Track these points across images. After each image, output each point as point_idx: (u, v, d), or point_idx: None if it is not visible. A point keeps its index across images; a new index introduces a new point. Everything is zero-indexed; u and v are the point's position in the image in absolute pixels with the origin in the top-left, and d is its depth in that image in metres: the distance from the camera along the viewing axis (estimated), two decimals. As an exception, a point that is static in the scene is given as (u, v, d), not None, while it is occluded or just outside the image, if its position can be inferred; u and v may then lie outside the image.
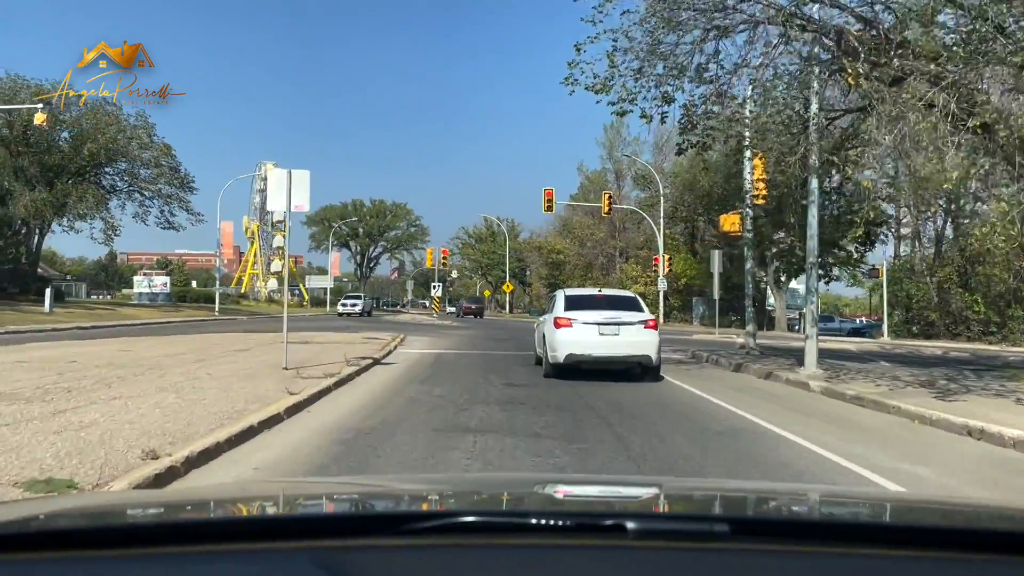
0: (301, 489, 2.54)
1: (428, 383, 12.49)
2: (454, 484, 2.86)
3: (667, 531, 1.31)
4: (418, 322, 45.97)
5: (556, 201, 46.69)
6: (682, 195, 48.76)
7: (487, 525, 1.32)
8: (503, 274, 77.80)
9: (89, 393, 9.07)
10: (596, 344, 13.08)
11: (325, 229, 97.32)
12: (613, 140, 62.38)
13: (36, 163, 46.42)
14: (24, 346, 17.13)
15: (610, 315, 13.30)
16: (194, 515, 1.64)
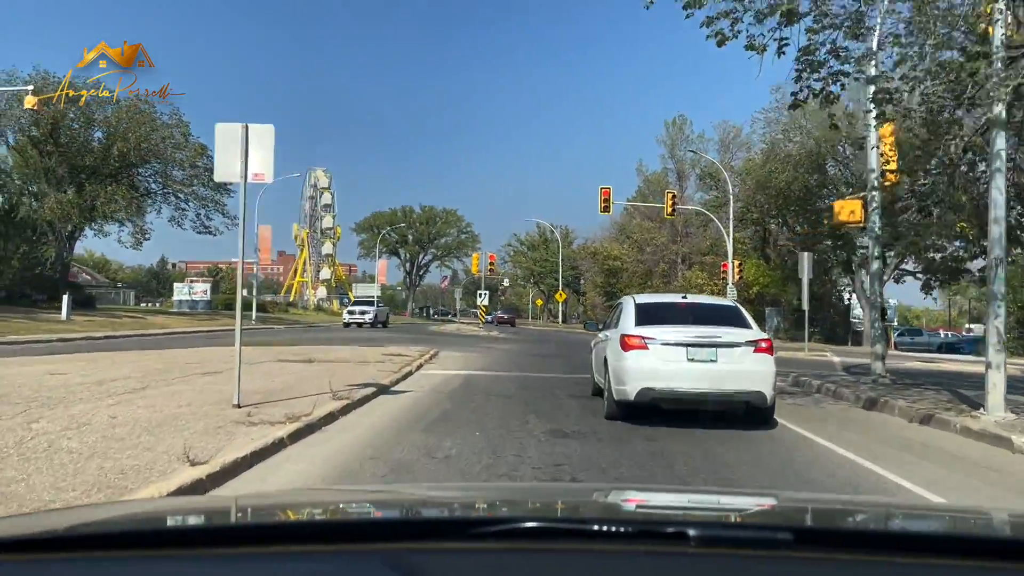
0: (364, 495, 2.76)
1: (438, 430, 8.59)
2: (513, 492, 3.11)
3: (730, 538, 1.29)
4: (460, 332, 42.21)
5: (613, 202, 42.38)
6: (754, 195, 44.03)
7: (550, 530, 1.33)
8: (556, 282, 73.71)
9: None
10: (683, 374, 9.15)
11: (374, 236, 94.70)
12: (675, 138, 57.92)
13: (65, 163, 44.17)
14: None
15: (703, 332, 9.37)
16: (269, 518, 1.72)
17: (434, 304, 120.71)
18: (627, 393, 9.24)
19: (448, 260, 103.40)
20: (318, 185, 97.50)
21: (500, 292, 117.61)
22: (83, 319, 36.52)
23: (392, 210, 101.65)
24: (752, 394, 9.12)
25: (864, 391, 12.78)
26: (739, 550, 1.23)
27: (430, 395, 11.77)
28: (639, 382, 9.16)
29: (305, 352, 18.43)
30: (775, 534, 1.29)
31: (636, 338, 9.38)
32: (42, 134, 43.76)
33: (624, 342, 9.45)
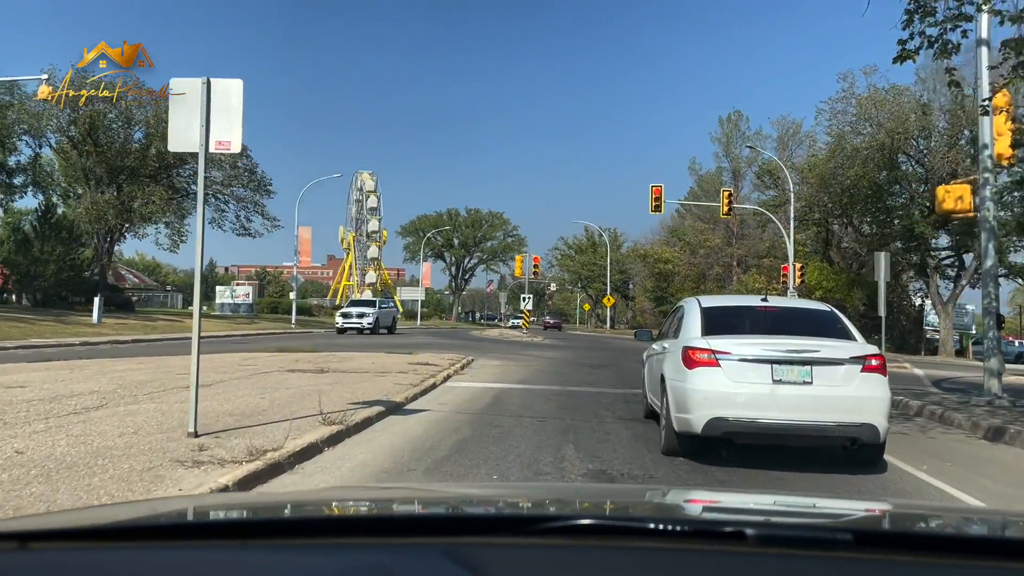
0: (413, 492, 2.71)
1: (444, 471, 6.62)
2: (564, 491, 3.17)
3: (789, 538, 1.28)
4: (503, 338, 40.17)
5: (665, 201, 39.88)
6: (816, 193, 41.19)
7: (605, 528, 1.33)
8: (604, 287, 71.27)
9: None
10: (768, 400, 6.95)
11: (419, 239, 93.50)
12: (730, 135, 55.20)
13: (103, 164, 43.46)
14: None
15: (793, 344, 7.14)
16: (326, 512, 1.74)
17: (480, 308, 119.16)
18: (692, 424, 7.10)
19: (494, 264, 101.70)
20: (364, 188, 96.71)
21: (547, 297, 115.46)
22: (115, 322, 35.52)
23: (437, 213, 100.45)
24: (860, 428, 6.87)
25: (981, 416, 10.40)
26: (798, 550, 1.20)
27: (448, 417, 9.76)
28: (708, 410, 7.01)
29: (324, 360, 16.63)
30: (835, 534, 1.28)
31: (704, 352, 7.19)
32: (81, 134, 43.14)
33: (688, 357, 7.28)
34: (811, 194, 41.66)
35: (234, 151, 7.15)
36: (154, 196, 43.07)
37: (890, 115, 35.09)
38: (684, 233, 60.25)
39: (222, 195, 49.63)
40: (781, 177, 42.84)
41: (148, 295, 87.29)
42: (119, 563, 1.16)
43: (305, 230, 78.31)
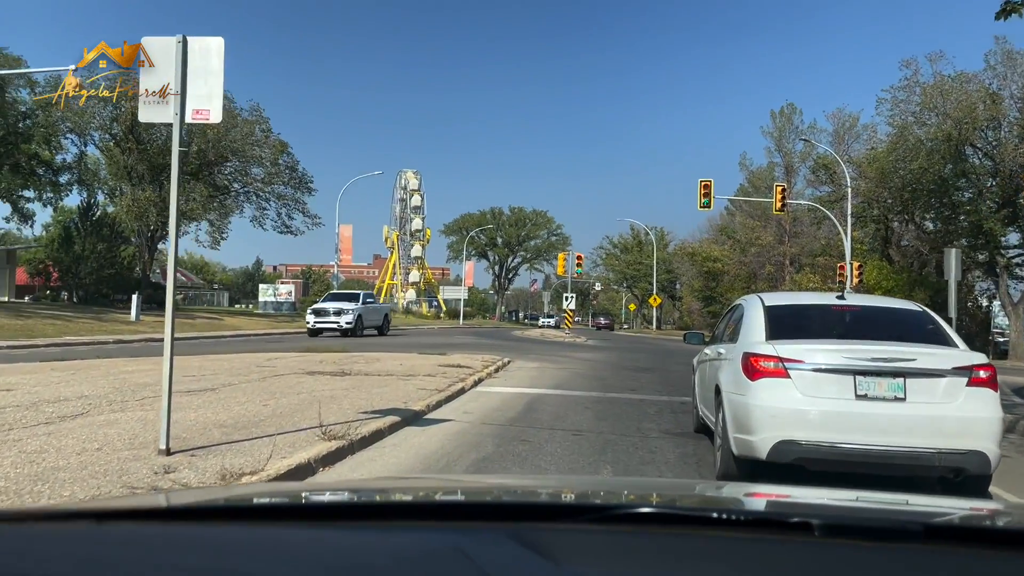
0: (470, 482, 2.88)
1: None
2: (620, 483, 3.33)
3: (856, 528, 1.25)
4: (544, 338, 38.96)
5: (715, 196, 38.15)
6: (875, 189, 39.09)
7: (669, 517, 1.33)
8: (650, 286, 69.57)
9: None
10: (850, 420, 5.71)
11: (462, 238, 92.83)
12: (783, 128, 53.09)
13: (144, 161, 43.43)
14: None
15: (880, 352, 5.87)
16: (392, 496, 1.80)
17: (524, 308, 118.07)
18: (754, 447, 5.88)
19: (538, 263, 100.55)
20: (408, 187, 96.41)
21: (592, 296, 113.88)
22: (154, 319, 35.20)
23: (481, 212, 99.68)
24: (966, 456, 5.58)
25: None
26: (865, 541, 1.18)
27: (471, 429, 8.64)
28: (775, 431, 5.79)
29: (349, 362, 15.66)
30: (904, 525, 1.28)
31: (770, 359, 5.96)
32: (123, 131, 43.18)
33: (750, 365, 6.07)
34: (870, 189, 39.53)
35: (213, 121, 6.14)
36: (195, 193, 42.87)
37: (957, 104, 32.92)
38: (734, 231, 58.28)
39: (263, 193, 49.39)
40: (837, 172, 40.80)
41: (195, 293, 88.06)
42: (195, 538, 1.17)
43: (346, 228, 78.09)
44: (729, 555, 1.15)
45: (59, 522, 1.30)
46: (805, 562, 1.13)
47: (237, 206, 49.84)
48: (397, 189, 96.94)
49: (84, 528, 1.22)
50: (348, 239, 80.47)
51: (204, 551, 1.08)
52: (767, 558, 1.14)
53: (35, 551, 1.03)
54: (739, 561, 1.14)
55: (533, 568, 1.03)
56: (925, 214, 39.81)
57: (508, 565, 1.04)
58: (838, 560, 1.14)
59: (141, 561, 1.03)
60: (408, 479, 4.18)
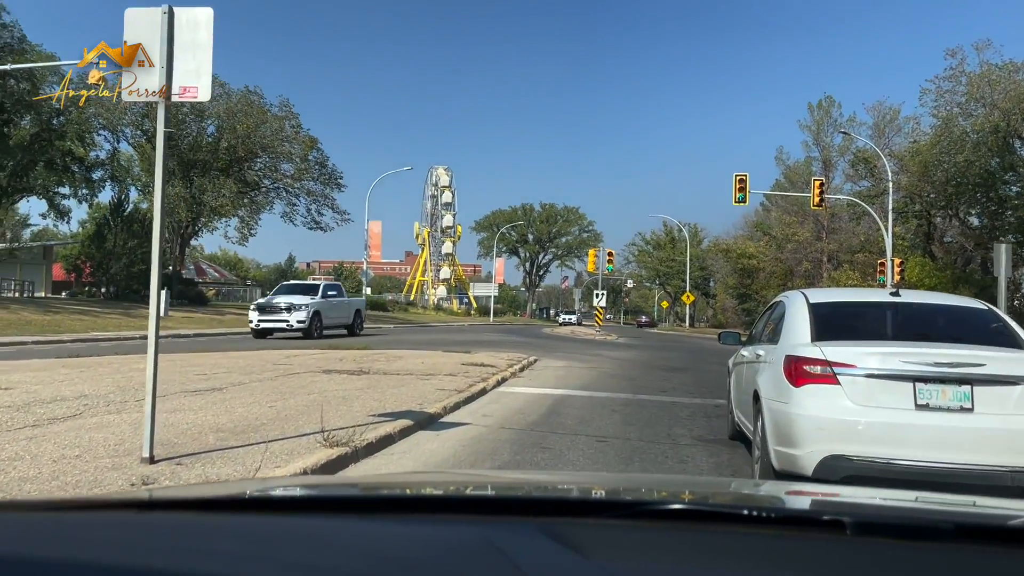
0: (497, 477, 2.85)
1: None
2: (656, 481, 3.29)
3: (888, 527, 1.25)
4: (574, 336, 38.28)
5: (751, 191, 37.06)
6: (918, 183, 37.80)
7: (699, 513, 1.32)
8: (683, 283, 68.51)
9: None
10: (909, 432, 5.03)
11: (493, 235, 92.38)
12: (821, 122, 51.71)
13: (175, 157, 43.48)
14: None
15: (943, 355, 5.19)
16: (433, 491, 1.81)
17: (555, 305, 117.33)
18: (799, 462, 5.23)
19: (569, 260, 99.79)
20: (439, 183, 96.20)
21: (624, 294, 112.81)
22: (182, 316, 35.21)
23: (512, 208, 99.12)
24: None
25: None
26: (897, 540, 1.17)
27: (488, 435, 8.05)
28: (822, 444, 5.13)
29: (370, 360, 15.18)
30: (935, 524, 1.27)
31: (816, 363, 5.29)
32: (154, 127, 43.32)
33: (794, 370, 5.41)
34: (912, 184, 38.28)
35: (202, 99, 5.62)
36: (224, 189, 42.86)
37: (1005, 94, 31.61)
38: (770, 227, 56.99)
39: (293, 189, 49.31)
40: (878, 166, 39.53)
41: (228, 289, 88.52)
42: (234, 527, 1.19)
43: (375, 224, 77.93)
44: (759, 552, 1.14)
45: (103, 511, 1.35)
46: (835, 560, 1.11)
47: (267, 202, 49.87)
48: (428, 186, 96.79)
49: (127, 516, 1.26)
50: (377, 235, 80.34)
51: (243, 539, 1.09)
52: (797, 556, 1.13)
53: (80, 538, 1.05)
54: (769, 558, 1.12)
55: (562, 561, 1.04)
56: (970, 209, 38.48)
57: (538, 557, 1.04)
58: (868, 559, 1.12)
59: (183, 547, 1.04)
60: (438, 474, 4.33)
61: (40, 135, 42.90)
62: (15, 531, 1.11)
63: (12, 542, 1.02)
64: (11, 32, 36.07)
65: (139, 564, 0.94)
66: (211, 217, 44.99)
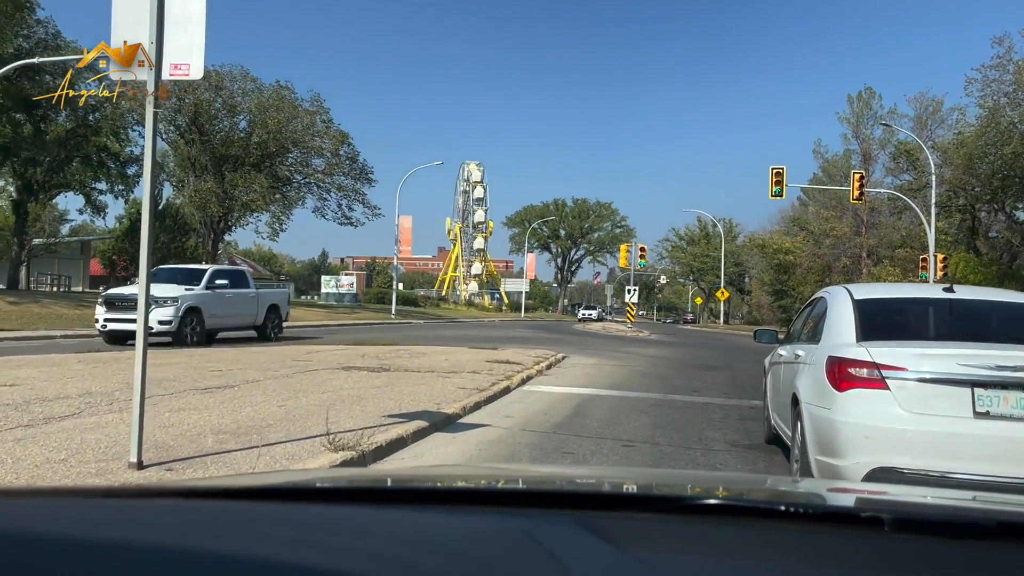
0: (536, 470, 3.04)
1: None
2: (694, 476, 3.20)
3: (928, 524, 1.25)
4: (605, 332, 37.67)
5: (788, 184, 36.11)
6: (961, 176, 36.55)
7: (736, 508, 1.32)
8: (717, 279, 67.44)
9: None
10: (966, 442, 4.48)
11: (525, 230, 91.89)
12: (860, 114, 50.40)
13: (207, 152, 43.64)
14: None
15: (1005, 357, 4.63)
16: (470, 483, 1.84)
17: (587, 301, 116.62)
18: (842, 473, 4.71)
19: (601, 255, 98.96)
20: (471, 179, 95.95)
21: (656, 290, 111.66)
22: (213, 310, 35.31)
23: (544, 203, 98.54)
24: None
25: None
26: (937, 537, 1.16)
27: (508, 437, 7.59)
28: (869, 455, 4.62)
29: (393, 356, 14.81)
30: (977, 522, 1.24)
31: (863, 366, 4.76)
32: (186, 122, 43.46)
33: (838, 373, 4.89)
34: (956, 177, 37.02)
35: (194, 77, 5.23)
36: (255, 184, 42.87)
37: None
38: (807, 222, 55.74)
39: (324, 184, 49.24)
40: (920, 158, 38.36)
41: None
42: (278, 515, 1.21)
43: (406, 219, 77.66)
44: (797, 548, 1.13)
45: (152, 498, 1.39)
46: (873, 558, 1.09)
47: (299, 197, 49.88)
48: (460, 181, 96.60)
49: (175, 503, 1.29)
50: (408, 230, 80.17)
51: (288, 526, 1.11)
52: (835, 552, 1.12)
53: (133, 523, 1.09)
54: (807, 555, 1.11)
55: (598, 552, 1.04)
56: (1017, 203, 37.16)
57: (575, 548, 1.04)
58: (907, 556, 1.10)
59: (233, 532, 1.07)
60: (475, 467, 4.45)
61: (76, 131, 43.33)
62: (73, 516, 1.13)
63: (70, 527, 1.04)
64: (45, 28, 36.35)
65: (189, 547, 0.96)
66: (243, 212, 45.03)
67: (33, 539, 0.96)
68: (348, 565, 0.93)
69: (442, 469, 3.57)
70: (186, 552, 0.94)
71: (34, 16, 35.73)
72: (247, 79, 45.03)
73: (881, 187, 45.66)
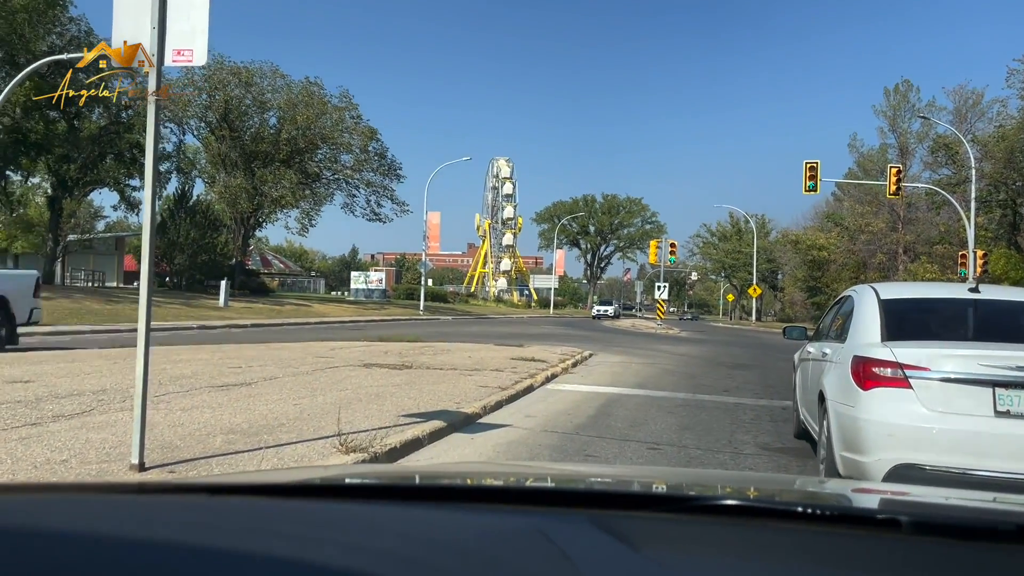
0: (551, 468, 3.01)
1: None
2: (710, 476, 3.16)
3: (946, 526, 1.22)
4: (635, 329, 37.25)
5: (821, 179, 35.27)
6: (1002, 170, 35.56)
7: (752, 509, 1.31)
8: (749, 276, 66.51)
9: None
10: (988, 440, 4.57)
11: (554, 227, 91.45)
12: (897, 107, 49.28)
13: (237, 149, 43.89)
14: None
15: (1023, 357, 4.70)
16: (485, 481, 1.83)
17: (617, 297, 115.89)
18: (867, 470, 4.78)
19: (631, 252, 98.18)
20: (500, 175, 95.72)
21: (687, 286, 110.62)
22: (242, 306, 35.47)
23: (573, 199, 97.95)
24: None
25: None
26: (956, 540, 1.15)
27: (528, 438, 7.33)
28: (892, 452, 4.70)
29: (416, 353, 14.62)
30: (996, 525, 1.23)
31: (887, 365, 4.84)
32: (217, 119, 43.73)
33: (863, 371, 4.97)
34: (996, 171, 36.09)
35: (197, 63, 5.02)
36: (284, 180, 43.03)
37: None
38: (842, 217, 54.75)
39: (353, 180, 49.36)
40: (960, 152, 37.38)
41: (293, 280, 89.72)
42: (296, 512, 1.23)
43: (434, 215, 77.69)
44: (810, 550, 1.13)
45: (175, 494, 1.40)
46: (891, 559, 1.09)
47: (328, 194, 50.05)
48: (489, 177, 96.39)
49: (200, 499, 1.30)
50: (436, 226, 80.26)
51: (307, 523, 1.12)
52: (853, 554, 1.11)
53: (156, 520, 1.10)
54: (820, 556, 1.11)
55: (612, 552, 1.05)
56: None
57: (588, 548, 1.05)
58: (925, 558, 1.10)
59: (252, 529, 1.09)
60: (492, 464, 4.41)
61: (109, 128, 43.82)
62: (94, 510, 1.13)
63: (85, 522, 1.05)
64: (78, 25, 36.69)
65: (209, 545, 0.97)
66: (272, 208, 45.22)
67: (50, 534, 0.96)
68: (359, 562, 0.92)
69: (460, 466, 3.58)
70: (196, 548, 0.94)
71: (67, 13, 36.06)
72: (276, 75, 45.26)
73: (919, 182, 44.61)
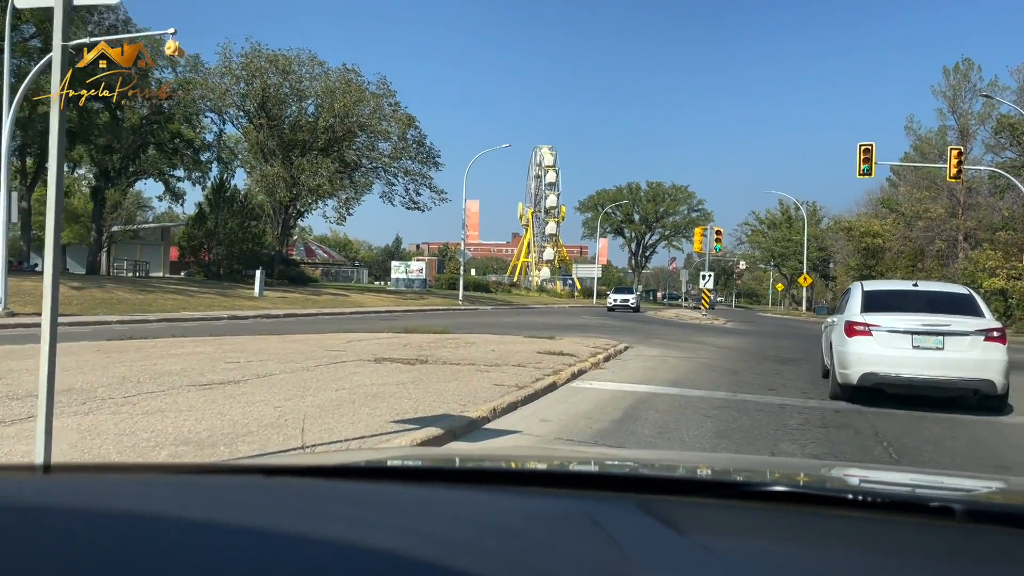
0: (601, 452, 3.18)
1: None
2: (745, 461, 3.28)
3: (998, 515, 1.24)
4: (678, 320, 35.91)
5: (876, 163, 33.39)
6: (1074, 151, 33.27)
7: (799, 496, 1.32)
8: (800, 265, 64.34)
9: None
10: (907, 361, 9.00)
11: (597, 215, 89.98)
12: (957, 87, 46.75)
13: (275, 137, 43.56)
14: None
15: (930, 320, 9.16)
16: (533, 465, 1.84)
17: (662, 287, 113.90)
18: (850, 377, 9.25)
19: (676, 240, 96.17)
20: (543, 163, 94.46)
21: (735, 276, 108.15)
22: (277, 296, 35.07)
23: (617, 187, 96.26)
24: (980, 382, 8.85)
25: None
26: (1007, 527, 1.18)
27: (536, 448, 6.36)
28: (861, 367, 9.14)
29: (439, 345, 13.75)
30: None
31: (860, 324, 9.29)
32: (255, 108, 43.43)
33: (848, 328, 9.39)
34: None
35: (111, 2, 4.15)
36: (321, 168, 42.57)
37: None
38: (897, 203, 52.40)
39: (391, 168, 48.77)
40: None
41: (337, 270, 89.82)
42: (348, 492, 1.25)
43: (472, 203, 76.92)
44: (861, 536, 1.12)
45: (232, 475, 1.43)
46: (941, 546, 1.10)
47: (367, 183, 49.58)
48: (532, 166, 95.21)
49: (255, 480, 1.32)
50: (475, 215, 79.49)
51: (359, 505, 1.14)
52: (901, 540, 1.11)
53: (213, 499, 1.12)
54: (872, 542, 1.10)
55: (658, 536, 1.05)
56: None
57: (635, 532, 1.06)
58: (976, 545, 1.11)
59: (306, 510, 1.10)
60: (539, 448, 4.50)
61: (151, 118, 43.88)
62: (152, 491, 1.15)
63: (140, 503, 1.07)
64: (116, 14, 36.56)
65: (264, 525, 0.98)
66: (310, 197, 44.82)
67: (108, 514, 0.96)
68: (408, 544, 0.92)
69: (512, 450, 3.65)
70: (257, 531, 0.94)
71: (104, 1, 35.98)
72: (314, 63, 44.80)
73: (981, 164, 42.27)
